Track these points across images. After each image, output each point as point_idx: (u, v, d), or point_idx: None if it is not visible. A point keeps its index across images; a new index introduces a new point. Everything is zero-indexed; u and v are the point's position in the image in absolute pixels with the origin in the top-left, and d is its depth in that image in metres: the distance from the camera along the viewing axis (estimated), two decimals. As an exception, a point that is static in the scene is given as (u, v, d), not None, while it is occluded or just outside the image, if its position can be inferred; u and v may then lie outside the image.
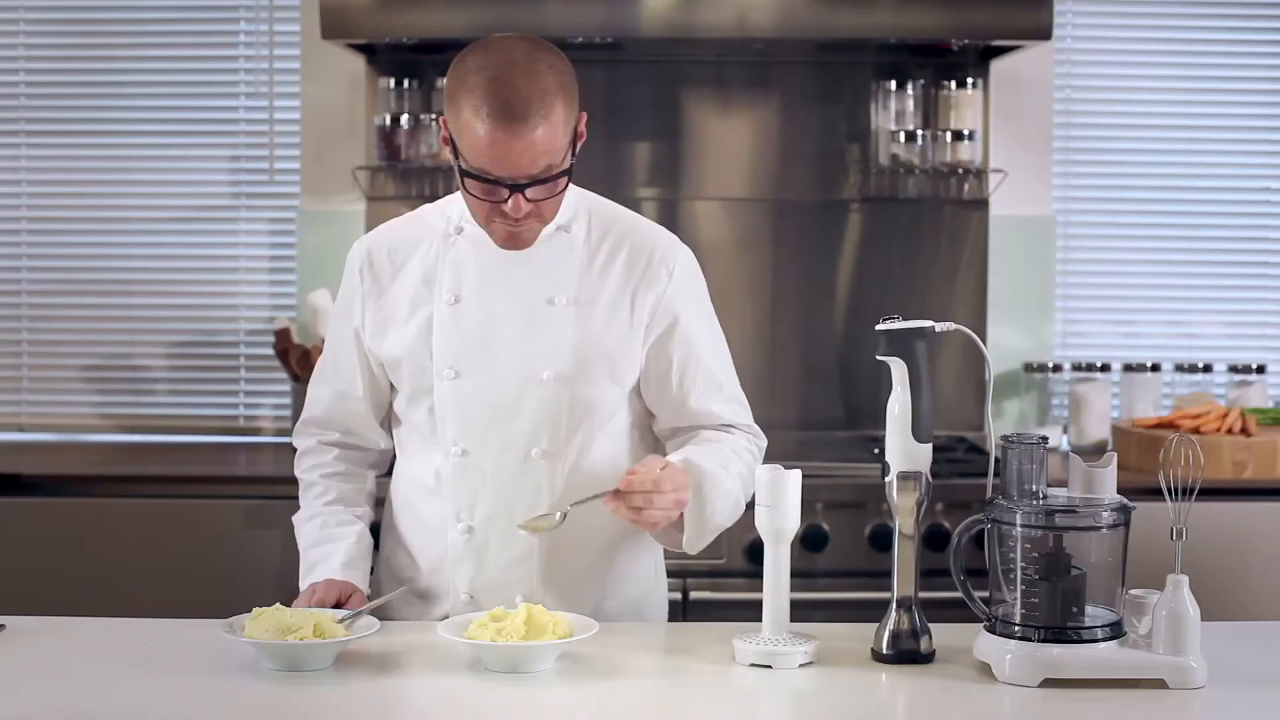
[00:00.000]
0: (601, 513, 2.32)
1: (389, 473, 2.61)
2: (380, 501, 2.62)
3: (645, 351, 2.45)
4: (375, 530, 2.57)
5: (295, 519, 2.55)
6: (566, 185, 2.33)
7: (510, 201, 2.26)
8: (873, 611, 2.26)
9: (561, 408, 2.40)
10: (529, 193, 2.26)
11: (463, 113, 2.24)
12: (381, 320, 2.46)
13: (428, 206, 2.53)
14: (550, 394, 2.39)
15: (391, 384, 2.51)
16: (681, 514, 2.34)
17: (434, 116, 4.06)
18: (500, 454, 2.41)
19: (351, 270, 2.50)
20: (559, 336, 2.40)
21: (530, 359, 2.39)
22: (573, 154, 2.31)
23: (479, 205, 2.31)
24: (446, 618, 2.42)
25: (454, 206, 2.47)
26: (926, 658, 2.18)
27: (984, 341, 3.14)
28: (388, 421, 2.57)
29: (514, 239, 2.35)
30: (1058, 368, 4.17)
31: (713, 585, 3.53)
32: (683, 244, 2.51)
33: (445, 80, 2.32)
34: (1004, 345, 4.20)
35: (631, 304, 2.43)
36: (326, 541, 2.48)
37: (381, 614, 2.48)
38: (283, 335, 4.06)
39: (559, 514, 2.29)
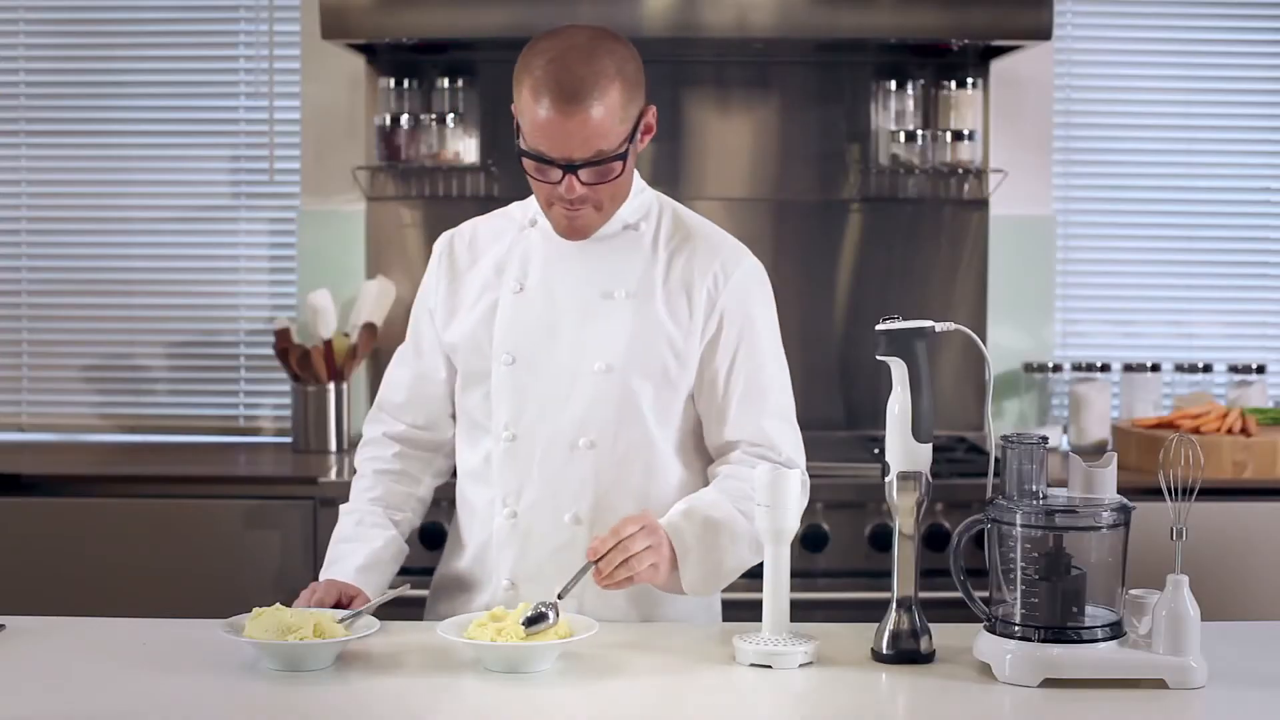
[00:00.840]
0: (641, 504, 2.38)
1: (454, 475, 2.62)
2: (438, 503, 2.64)
3: (700, 353, 2.45)
4: (436, 535, 2.54)
5: (341, 508, 2.57)
6: (623, 172, 2.35)
7: (564, 183, 2.31)
8: (873, 611, 2.26)
9: (611, 400, 2.41)
10: (581, 175, 2.31)
11: (523, 93, 2.31)
12: (452, 305, 2.51)
13: (515, 203, 2.58)
14: (601, 385, 2.41)
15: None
16: (675, 557, 2.31)
17: (434, 117, 4.06)
18: (548, 442, 2.43)
19: (434, 258, 2.56)
20: (615, 329, 2.41)
21: (584, 349, 2.42)
22: (631, 142, 2.33)
23: (538, 189, 2.37)
24: (489, 609, 2.44)
25: (534, 202, 2.50)
26: (926, 658, 2.18)
27: (984, 341, 3.14)
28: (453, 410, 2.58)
29: (571, 225, 2.39)
30: (1058, 368, 4.17)
31: (713, 585, 3.52)
32: (751, 254, 2.53)
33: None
34: (1004, 345, 4.20)
35: (689, 303, 2.44)
36: (353, 540, 2.49)
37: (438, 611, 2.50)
38: (283, 335, 4.06)
39: (552, 614, 2.17)
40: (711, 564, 2.34)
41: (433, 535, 3.23)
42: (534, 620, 2.15)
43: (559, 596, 2.21)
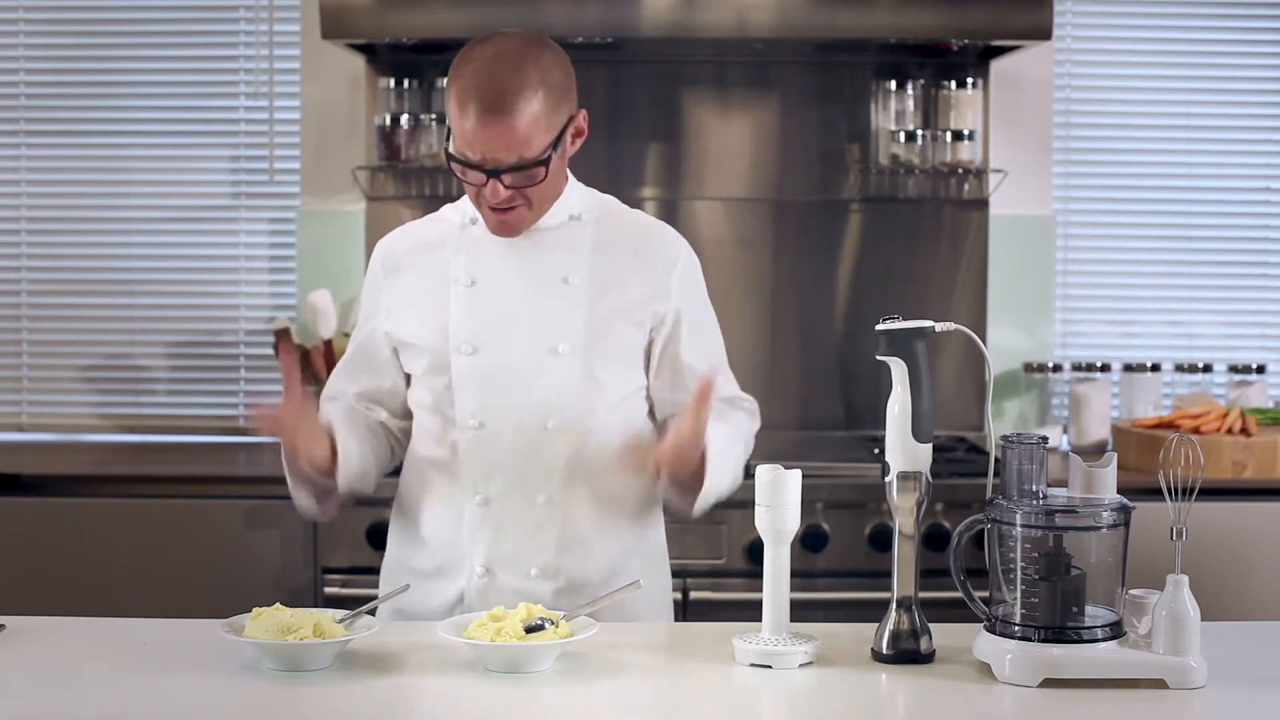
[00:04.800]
0: (614, 488, 2.47)
1: (396, 472, 2.64)
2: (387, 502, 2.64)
3: (654, 334, 2.53)
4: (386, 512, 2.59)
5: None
6: (547, 177, 2.42)
7: (489, 187, 2.39)
8: (873, 611, 2.26)
9: (577, 381, 2.46)
10: (505, 180, 2.38)
11: (452, 100, 2.39)
12: (400, 302, 2.55)
13: (446, 206, 2.63)
14: (565, 367, 2.46)
15: (407, 377, 2.57)
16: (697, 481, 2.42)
17: (434, 117, 4.06)
18: (517, 427, 2.47)
19: (374, 265, 2.61)
20: (573, 312, 2.47)
21: (546, 333, 2.47)
22: (556, 148, 2.41)
23: (468, 190, 2.46)
24: (462, 598, 2.48)
25: (468, 202, 2.56)
26: (926, 658, 2.18)
27: (984, 341, 3.14)
28: (397, 410, 2.61)
29: (501, 224, 2.46)
30: (1058, 368, 4.17)
31: (713, 585, 3.53)
32: (684, 239, 2.62)
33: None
34: (1004, 345, 4.20)
35: (641, 286, 2.52)
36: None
37: (396, 604, 2.50)
38: (283, 335, 4.06)
39: (550, 625, 2.17)
40: (711, 491, 2.45)
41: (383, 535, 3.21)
42: (532, 631, 2.16)
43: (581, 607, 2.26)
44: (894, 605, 2.19)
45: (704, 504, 2.45)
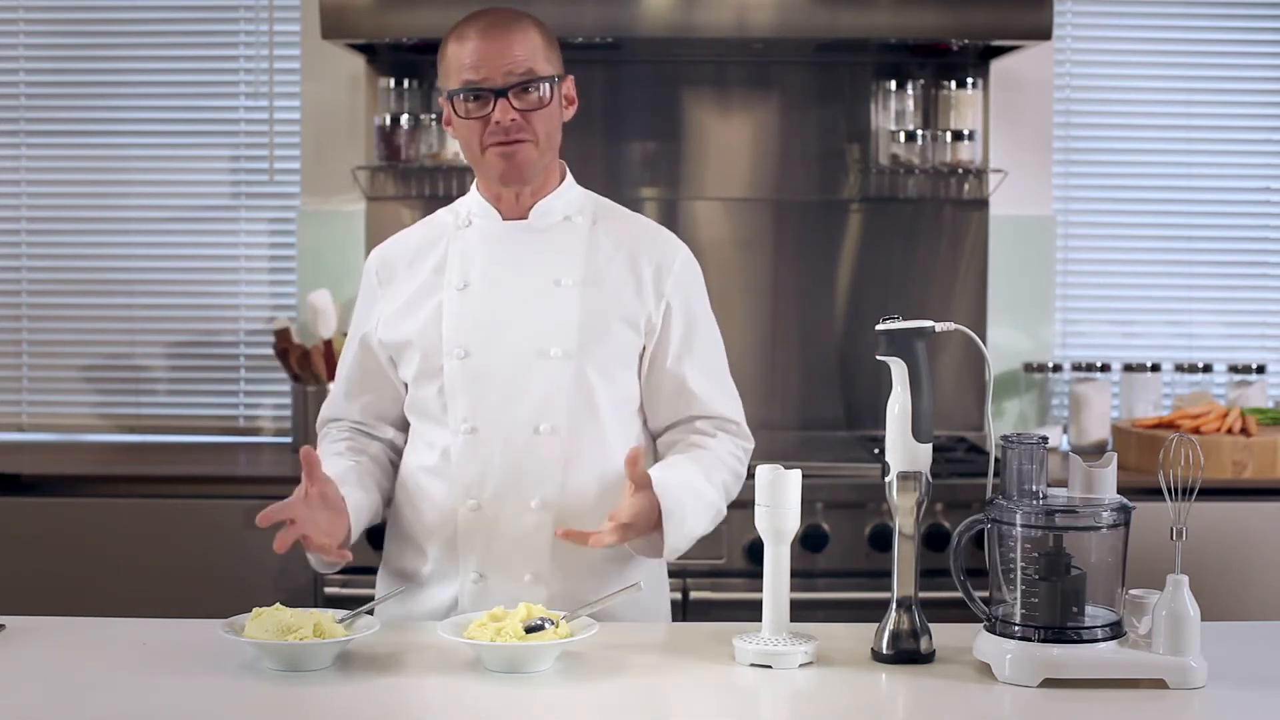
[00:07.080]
0: (607, 493, 2.42)
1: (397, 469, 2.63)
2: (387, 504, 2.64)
3: (646, 339, 2.50)
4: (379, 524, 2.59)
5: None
6: (551, 102, 2.43)
7: (497, 107, 2.38)
8: (873, 611, 2.26)
9: (569, 384, 2.45)
10: (514, 101, 2.39)
11: (449, 50, 2.42)
12: (394, 310, 2.53)
13: (441, 210, 2.62)
14: (558, 370, 2.44)
15: (406, 384, 2.55)
16: (659, 523, 2.36)
17: (434, 117, 4.06)
18: (509, 430, 2.45)
19: (368, 273, 2.60)
20: (566, 315, 2.46)
21: (538, 336, 2.45)
22: (556, 85, 2.44)
23: (471, 135, 2.43)
24: (456, 603, 2.47)
25: (464, 205, 2.56)
26: (926, 658, 2.18)
27: (984, 341, 3.14)
28: (398, 420, 2.60)
29: (510, 164, 2.43)
30: (1058, 368, 4.17)
31: (713, 585, 3.53)
32: (682, 242, 2.59)
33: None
34: (1004, 345, 4.20)
35: (635, 289, 2.49)
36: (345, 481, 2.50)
37: (390, 608, 2.50)
38: (283, 335, 4.06)
39: (550, 625, 2.17)
40: (683, 534, 2.40)
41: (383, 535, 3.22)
42: (532, 631, 2.16)
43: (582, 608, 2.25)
44: (894, 605, 2.19)
45: (674, 552, 2.41)
